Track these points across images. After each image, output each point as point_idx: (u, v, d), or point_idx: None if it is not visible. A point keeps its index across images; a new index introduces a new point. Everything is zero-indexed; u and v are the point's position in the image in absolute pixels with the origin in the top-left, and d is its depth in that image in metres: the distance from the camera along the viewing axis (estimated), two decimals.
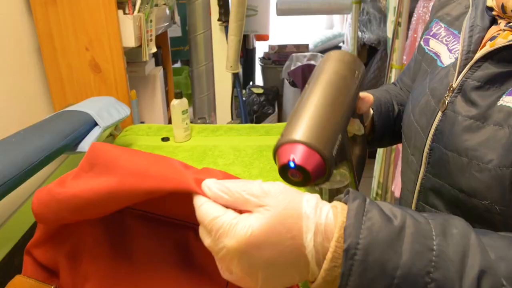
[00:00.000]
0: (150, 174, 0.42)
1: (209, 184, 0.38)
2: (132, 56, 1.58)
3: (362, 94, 0.59)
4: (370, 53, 3.10)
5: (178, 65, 3.09)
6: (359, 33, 2.93)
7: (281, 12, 2.94)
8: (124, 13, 1.30)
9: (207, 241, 0.37)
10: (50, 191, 0.49)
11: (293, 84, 3.08)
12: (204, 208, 0.37)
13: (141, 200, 0.44)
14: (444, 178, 0.57)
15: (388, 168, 1.77)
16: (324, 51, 3.45)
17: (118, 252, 0.55)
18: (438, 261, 0.32)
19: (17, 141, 0.77)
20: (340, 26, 3.58)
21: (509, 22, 0.53)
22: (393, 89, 0.82)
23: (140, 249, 0.55)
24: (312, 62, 3.11)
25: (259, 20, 2.90)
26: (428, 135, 0.60)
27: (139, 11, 1.36)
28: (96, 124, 0.95)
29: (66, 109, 0.98)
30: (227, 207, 0.37)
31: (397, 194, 1.91)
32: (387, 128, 0.73)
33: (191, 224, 0.53)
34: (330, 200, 0.57)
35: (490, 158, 0.49)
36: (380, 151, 1.81)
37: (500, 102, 0.50)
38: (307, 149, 0.41)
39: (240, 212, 0.37)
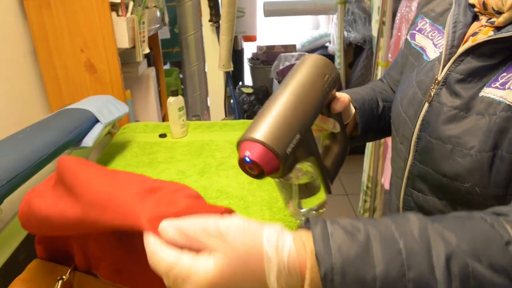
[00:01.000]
0: (108, 208, 0.42)
1: (165, 228, 0.37)
2: (125, 57, 1.61)
3: (338, 94, 0.63)
4: (356, 52, 3.17)
5: (167, 66, 3.12)
6: (345, 33, 2.99)
7: (268, 13, 2.99)
8: (118, 15, 1.33)
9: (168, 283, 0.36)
10: (30, 205, 0.50)
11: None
12: (156, 255, 0.36)
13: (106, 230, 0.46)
14: (429, 165, 0.61)
15: (377, 162, 1.83)
16: (311, 51, 3.51)
17: (119, 236, 0.58)
18: (409, 261, 0.34)
19: (25, 137, 0.80)
20: (326, 26, 3.65)
21: (490, 18, 0.58)
22: (379, 86, 0.86)
23: (128, 243, 0.57)
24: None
25: (247, 21, 2.95)
26: (416, 124, 0.64)
27: (131, 13, 1.39)
28: (97, 121, 0.99)
29: (67, 107, 1.01)
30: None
31: (387, 186, 1.97)
32: (371, 124, 0.77)
33: None
34: (300, 194, 0.62)
35: (472, 145, 0.53)
36: (369, 146, 1.88)
37: (481, 94, 0.55)
38: (260, 146, 0.47)
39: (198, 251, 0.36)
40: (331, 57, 3.31)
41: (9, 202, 0.72)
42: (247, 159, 0.47)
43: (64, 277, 0.60)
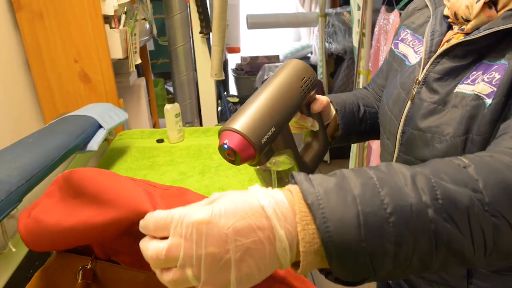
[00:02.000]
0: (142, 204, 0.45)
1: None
2: (117, 68, 1.65)
3: (318, 96, 0.71)
4: (337, 62, 3.28)
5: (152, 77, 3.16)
6: (326, 44, 3.10)
7: (251, 25, 3.08)
8: (111, 27, 1.38)
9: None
10: (40, 222, 0.51)
11: None
12: (155, 215, 0.38)
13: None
14: (412, 154, 0.69)
15: (362, 165, 1.92)
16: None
17: (131, 235, 0.62)
18: (380, 182, 0.39)
19: (35, 141, 0.84)
20: (307, 38, 3.76)
21: (461, 27, 0.67)
22: (362, 93, 0.94)
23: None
24: None
25: (230, 33, 3.03)
26: (400, 121, 0.72)
27: (124, 25, 1.44)
28: (100, 126, 1.03)
29: (71, 113, 1.05)
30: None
31: None
32: (352, 126, 0.84)
33: None
34: (278, 182, 0.68)
35: (448, 132, 0.62)
36: (353, 150, 1.95)
37: (456, 90, 0.64)
38: (237, 135, 0.53)
39: None
40: (313, 67, 3.41)
41: (26, 202, 0.76)
42: (226, 146, 0.53)
43: (87, 266, 0.63)
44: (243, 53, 3.48)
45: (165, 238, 0.37)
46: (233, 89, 3.67)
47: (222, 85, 1.77)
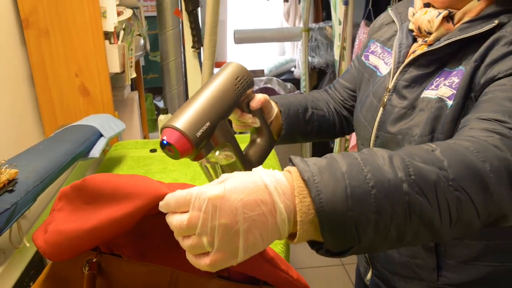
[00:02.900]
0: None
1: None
2: (112, 82, 1.74)
3: (256, 94, 0.75)
4: (320, 75, 3.43)
5: None
6: (309, 58, 3.24)
7: (238, 40, 3.20)
8: (110, 43, 1.47)
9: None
10: (60, 233, 0.55)
11: None
12: (175, 194, 0.45)
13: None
14: None
15: None
16: (278, 75, 3.74)
17: (133, 230, 0.64)
18: (363, 161, 0.46)
19: (45, 148, 0.92)
20: (291, 52, 3.90)
21: (424, 39, 0.77)
22: (313, 96, 1.01)
23: (149, 227, 0.66)
24: (269, 85, 3.38)
25: (218, 48, 3.14)
26: (373, 126, 0.81)
27: (122, 41, 1.54)
28: (101, 135, 1.12)
29: (74, 124, 1.13)
30: None
31: None
32: (296, 126, 0.90)
33: None
34: (224, 172, 0.74)
35: (416, 133, 0.71)
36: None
37: (422, 95, 0.73)
38: (174, 131, 0.58)
39: None
40: (297, 81, 3.55)
41: (39, 202, 0.84)
42: (164, 142, 0.59)
43: (92, 259, 0.67)
44: None
45: (185, 213, 0.43)
46: None
47: None
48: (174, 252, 0.66)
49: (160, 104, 3.24)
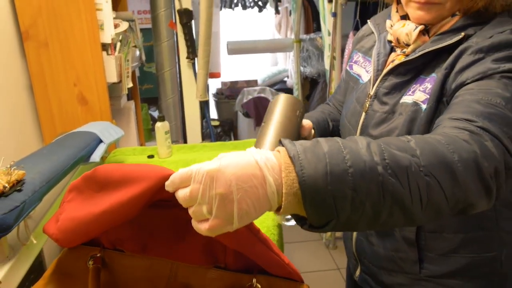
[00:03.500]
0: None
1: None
2: (110, 91, 1.78)
3: (304, 122, 0.86)
4: (312, 84, 3.51)
5: None
6: (301, 68, 3.33)
7: (231, 51, 3.28)
8: (108, 54, 1.53)
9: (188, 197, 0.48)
10: (73, 219, 0.59)
11: (246, 115, 3.38)
12: (179, 172, 0.50)
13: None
14: None
15: None
16: (271, 85, 3.82)
17: (135, 224, 0.71)
18: (343, 145, 0.50)
19: (48, 152, 0.97)
20: (284, 63, 3.99)
21: (402, 49, 0.84)
22: (327, 109, 1.11)
23: (150, 221, 0.71)
24: (262, 95, 3.45)
25: (212, 59, 3.21)
26: (357, 130, 0.87)
27: (119, 52, 1.59)
28: (101, 141, 1.16)
29: (75, 130, 1.18)
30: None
31: None
32: None
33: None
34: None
35: (395, 134, 0.77)
36: None
37: (401, 101, 0.80)
38: None
39: None
40: (289, 90, 3.63)
41: (44, 203, 0.88)
42: None
43: (96, 254, 0.71)
44: (223, 78, 3.67)
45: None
46: (213, 113, 3.83)
47: (206, 106, 1.94)
48: (174, 244, 0.71)
49: (155, 114, 3.30)
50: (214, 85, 3.81)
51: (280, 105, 0.80)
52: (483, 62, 0.69)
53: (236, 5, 3.45)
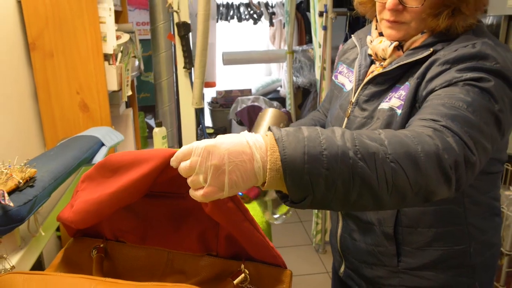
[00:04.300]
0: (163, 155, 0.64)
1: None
2: (110, 99, 1.87)
3: None
4: (304, 94, 3.62)
5: None
6: (294, 78, 3.43)
7: (226, 62, 3.38)
8: (109, 64, 1.62)
9: (190, 169, 0.57)
10: (87, 201, 0.66)
11: (240, 123, 3.48)
12: (182, 149, 0.59)
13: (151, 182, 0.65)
14: None
15: None
16: (265, 94, 3.92)
17: (136, 216, 0.78)
18: (321, 132, 0.58)
19: (55, 154, 1.05)
20: (277, 73, 4.10)
21: (380, 62, 0.94)
22: (317, 115, 1.21)
23: (149, 213, 0.78)
24: (256, 104, 3.55)
25: (207, 69, 3.31)
26: None
27: (120, 62, 1.68)
28: (102, 144, 1.25)
29: (79, 134, 1.26)
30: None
31: None
32: None
33: (179, 194, 0.75)
34: (273, 206, 0.95)
35: None
36: None
37: (379, 107, 0.90)
38: None
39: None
40: (282, 99, 3.73)
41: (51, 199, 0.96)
42: (240, 193, 0.75)
43: (101, 245, 0.77)
44: (218, 87, 3.77)
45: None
46: (208, 121, 3.92)
47: (202, 114, 2.03)
48: (171, 234, 0.79)
49: (151, 122, 3.38)
50: (209, 94, 3.91)
51: (267, 117, 0.91)
52: (449, 72, 0.78)
53: (232, 17, 3.56)
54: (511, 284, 1.99)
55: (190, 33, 1.86)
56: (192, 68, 1.85)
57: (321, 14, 2.34)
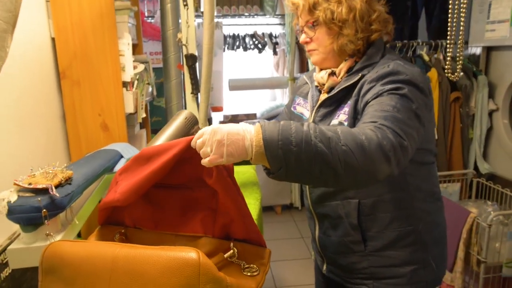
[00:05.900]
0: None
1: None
2: (126, 120, 2.12)
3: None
4: None
5: None
6: None
7: (232, 88, 3.64)
8: (127, 90, 1.87)
9: (203, 145, 0.82)
10: (128, 183, 0.89)
11: None
12: (195, 137, 0.84)
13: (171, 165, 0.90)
14: None
15: None
16: (269, 118, 4.13)
17: (151, 205, 0.99)
18: (293, 123, 0.82)
19: (85, 162, 1.28)
20: (281, 98, 4.34)
21: (325, 90, 1.19)
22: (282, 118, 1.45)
23: (162, 202, 0.98)
24: None
25: (214, 94, 3.56)
26: None
27: (136, 88, 1.94)
28: (121, 156, 1.48)
29: (101, 149, 1.50)
30: None
31: None
32: None
33: (188, 187, 0.98)
34: None
35: None
36: None
37: (331, 123, 1.13)
38: None
39: None
40: None
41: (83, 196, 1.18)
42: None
43: (122, 231, 0.98)
44: (225, 112, 4.01)
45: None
46: None
47: None
48: (178, 218, 1.00)
49: None
50: (217, 118, 4.14)
51: (177, 116, 1.18)
52: (375, 87, 1.03)
53: (238, 47, 3.84)
54: None
55: (197, 63, 2.12)
56: (199, 94, 2.10)
57: None
